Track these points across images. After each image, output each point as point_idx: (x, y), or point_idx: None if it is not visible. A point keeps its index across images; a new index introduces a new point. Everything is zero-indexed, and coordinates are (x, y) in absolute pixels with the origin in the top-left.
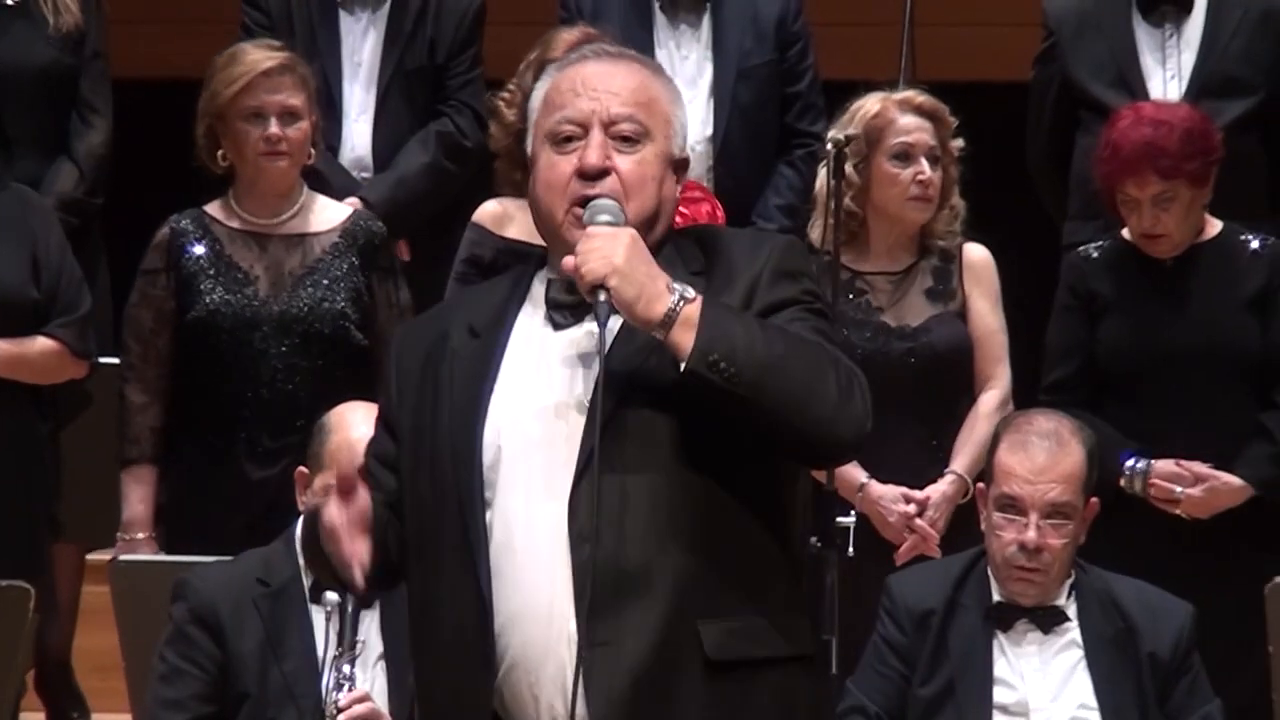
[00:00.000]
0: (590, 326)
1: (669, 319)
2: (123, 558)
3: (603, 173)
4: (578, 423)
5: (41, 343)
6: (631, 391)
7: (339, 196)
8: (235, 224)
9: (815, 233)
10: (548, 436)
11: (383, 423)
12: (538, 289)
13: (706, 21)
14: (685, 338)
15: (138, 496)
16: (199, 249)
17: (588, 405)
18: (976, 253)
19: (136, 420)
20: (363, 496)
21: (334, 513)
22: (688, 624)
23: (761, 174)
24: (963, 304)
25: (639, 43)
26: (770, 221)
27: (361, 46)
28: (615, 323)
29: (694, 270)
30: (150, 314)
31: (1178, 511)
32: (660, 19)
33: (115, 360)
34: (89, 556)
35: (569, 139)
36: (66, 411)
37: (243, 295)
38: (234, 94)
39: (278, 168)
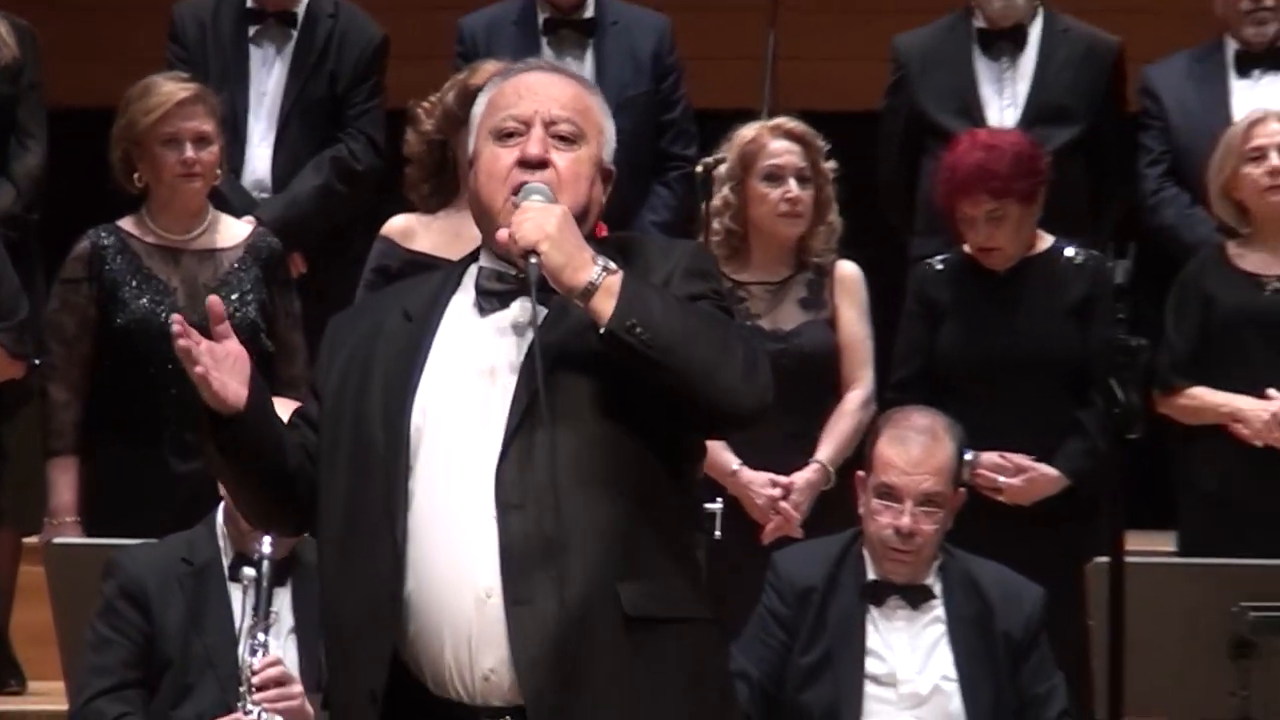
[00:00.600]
0: (518, 310)
1: (592, 287)
2: (56, 540)
3: (542, 163)
4: (506, 391)
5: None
6: (560, 364)
7: (239, 215)
8: (150, 239)
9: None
10: (476, 405)
11: (311, 391)
12: (469, 279)
13: (590, 56)
14: (606, 304)
15: (64, 484)
16: (119, 261)
17: (517, 373)
18: (848, 268)
19: (60, 416)
20: None
21: None
22: (608, 584)
23: (640, 193)
24: (832, 313)
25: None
26: (644, 234)
27: (267, 78)
28: (521, 318)
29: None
30: (73, 320)
31: (1000, 498)
32: (547, 53)
33: None
34: (25, 540)
35: (511, 134)
36: (4, 408)
37: (164, 305)
38: (152, 122)
39: (192, 188)
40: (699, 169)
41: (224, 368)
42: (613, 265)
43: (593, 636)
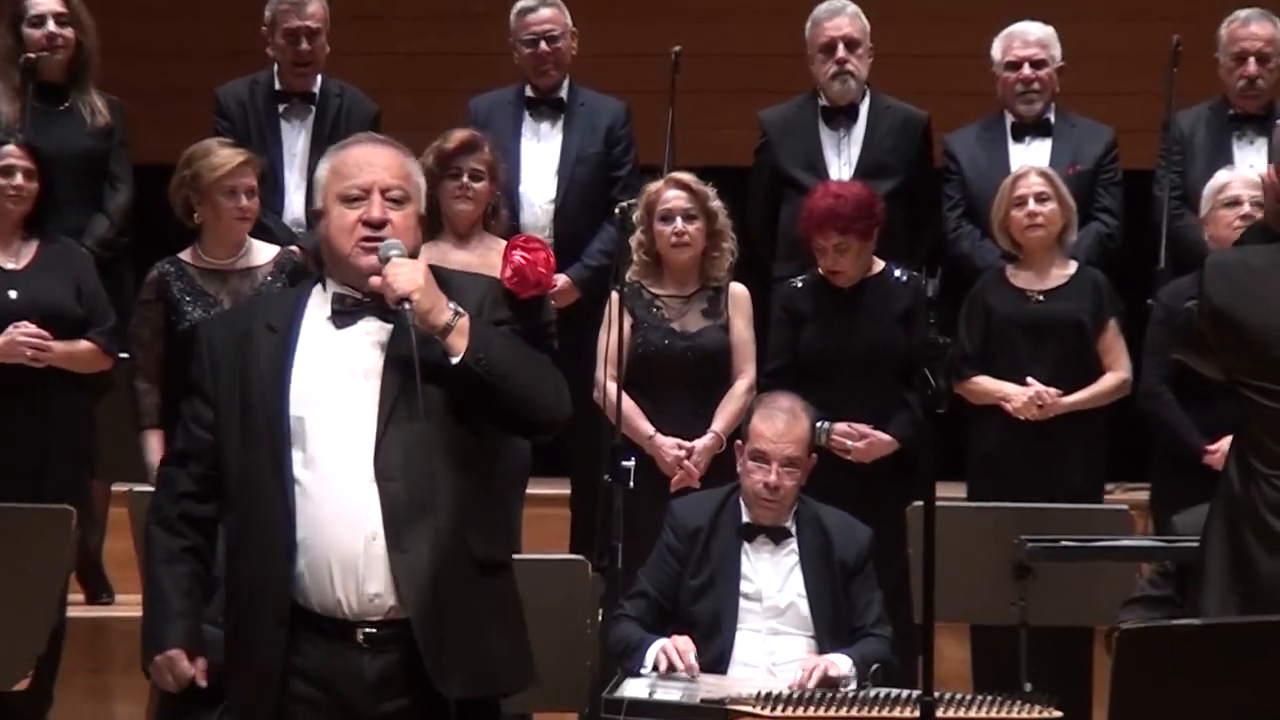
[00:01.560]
0: (365, 325)
1: (449, 327)
2: (136, 488)
3: (383, 223)
4: (369, 390)
5: (84, 345)
6: (408, 372)
7: (283, 244)
8: (203, 265)
9: (628, 271)
10: (348, 399)
11: (198, 393)
12: (316, 298)
13: (560, 125)
14: (459, 341)
15: (154, 449)
16: (179, 284)
17: (377, 377)
18: (739, 289)
19: (145, 400)
20: None
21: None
22: (460, 536)
23: (591, 229)
24: (726, 321)
25: (514, 136)
26: (591, 259)
27: (296, 142)
28: (376, 325)
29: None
30: (148, 330)
31: (848, 457)
32: (528, 122)
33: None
34: (114, 488)
35: (355, 199)
36: (97, 392)
37: (215, 313)
38: (216, 177)
39: (244, 226)
40: (616, 211)
41: None
42: (460, 309)
43: (455, 574)
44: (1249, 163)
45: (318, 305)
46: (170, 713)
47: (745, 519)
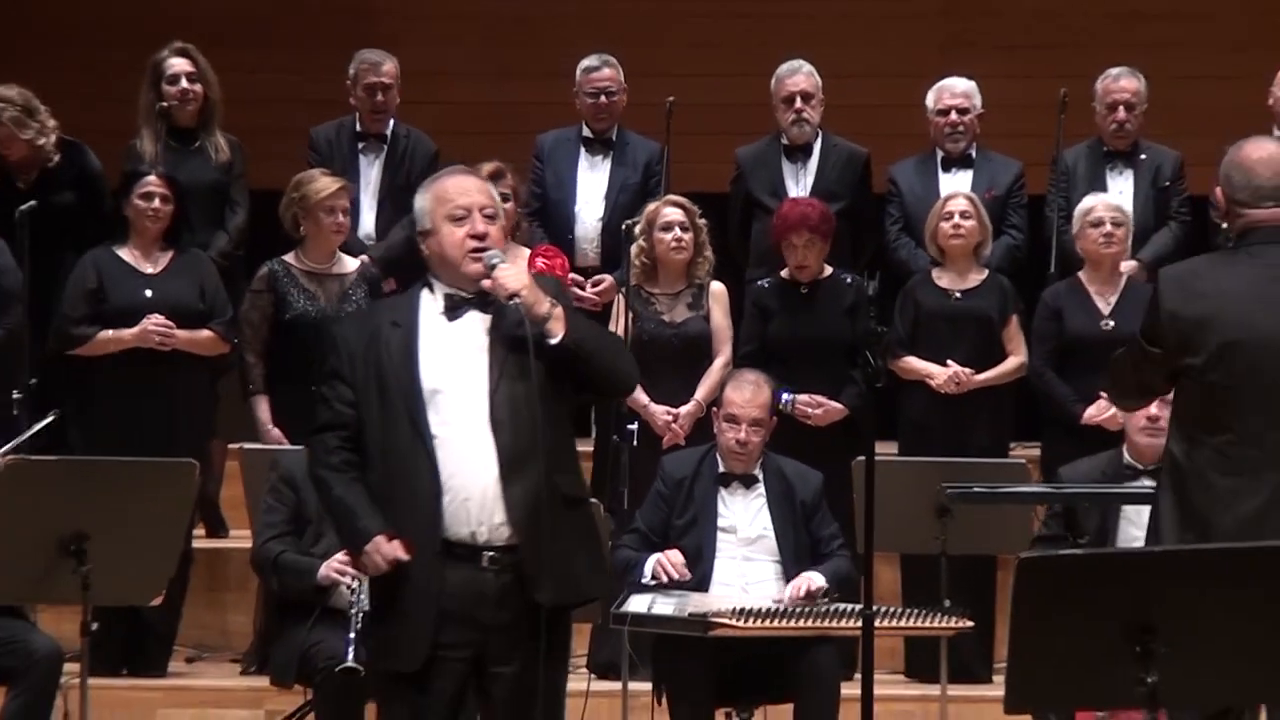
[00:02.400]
0: (471, 316)
1: (549, 315)
2: (247, 446)
3: (485, 235)
4: (480, 364)
5: (205, 333)
6: (511, 350)
7: (355, 254)
8: (303, 267)
9: (632, 275)
10: (464, 372)
11: (338, 377)
12: (426, 299)
13: (610, 159)
14: (558, 326)
15: (262, 410)
16: (285, 280)
17: (485, 354)
18: (717, 286)
19: (254, 371)
20: None
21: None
22: (550, 476)
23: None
24: (707, 312)
25: (572, 166)
26: (619, 267)
27: (371, 174)
28: (479, 316)
29: None
30: (258, 314)
31: (809, 422)
32: (584, 156)
33: None
34: (230, 445)
35: (460, 218)
36: (217, 371)
37: (313, 306)
38: (320, 198)
39: (339, 238)
40: (623, 228)
41: None
42: (555, 302)
43: (548, 506)
44: (1119, 189)
45: (429, 304)
46: (271, 623)
47: (721, 469)
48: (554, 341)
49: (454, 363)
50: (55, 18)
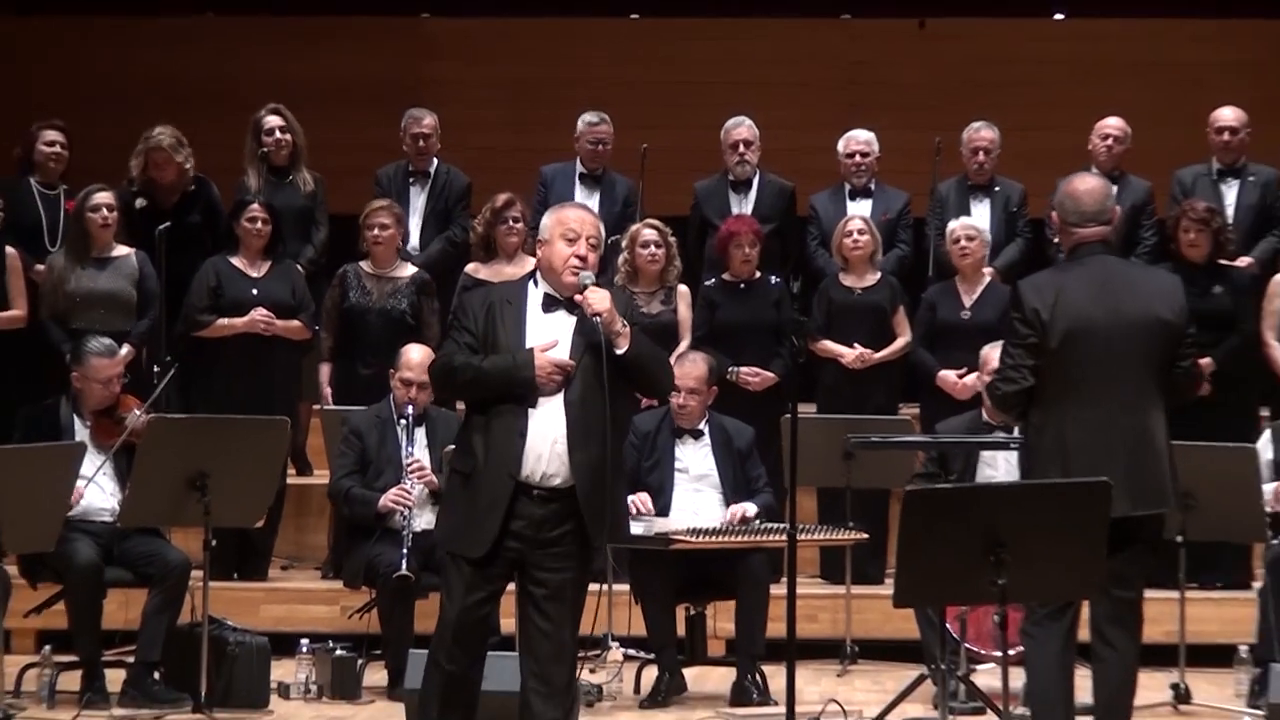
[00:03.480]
0: (560, 313)
1: (619, 334)
2: (324, 408)
3: (585, 258)
4: (563, 351)
5: (295, 323)
6: (588, 350)
7: (403, 258)
8: (367, 270)
9: (618, 278)
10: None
11: (466, 330)
12: (531, 291)
13: (600, 191)
14: (624, 342)
15: (323, 375)
16: (352, 279)
17: (568, 344)
18: (683, 288)
19: (324, 344)
20: None
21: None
22: (608, 448)
23: (611, 258)
24: (675, 307)
25: (569, 197)
26: (608, 273)
27: (418, 201)
28: (565, 314)
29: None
30: (331, 303)
31: (748, 387)
32: (579, 187)
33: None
34: (313, 407)
35: (571, 240)
36: (301, 352)
37: (365, 300)
38: (364, 218)
39: (378, 248)
40: (610, 243)
41: None
42: (626, 322)
43: (605, 467)
44: (979, 214)
45: (533, 296)
46: (343, 541)
47: (677, 425)
48: (619, 353)
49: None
50: (193, 85)
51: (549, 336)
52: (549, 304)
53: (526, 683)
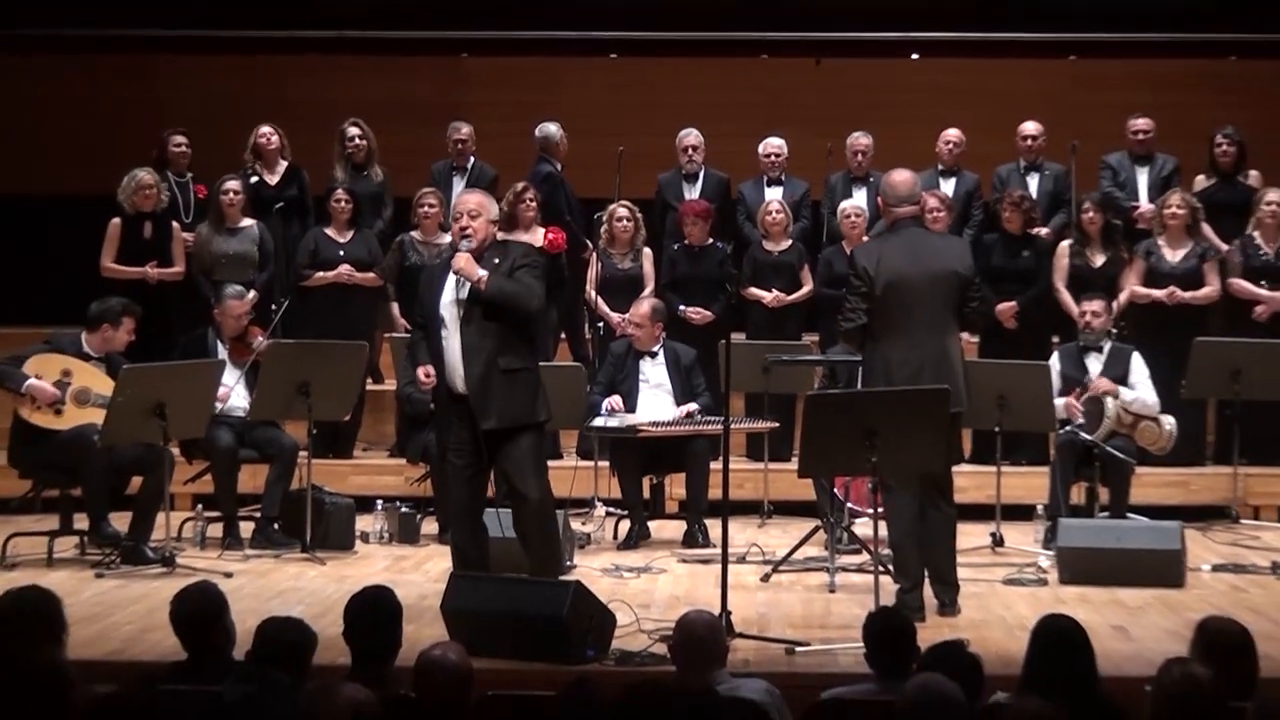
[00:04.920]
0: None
1: (478, 279)
2: (391, 335)
3: (466, 227)
4: (462, 300)
5: (371, 274)
6: (473, 294)
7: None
8: (419, 238)
9: (600, 242)
10: (451, 304)
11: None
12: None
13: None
14: (481, 285)
15: (394, 310)
16: (409, 244)
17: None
18: (647, 250)
19: (390, 291)
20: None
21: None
22: (494, 359)
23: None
24: (642, 264)
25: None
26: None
27: (457, 189)
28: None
29: (495, 255)
30: (393, 263)
31: (694, 322)
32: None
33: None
34: (385, 335)
35: (457, 218)
36: (379, 293)
37: (421, 259)
38: (415, 201)
39: (428, 223)
40: (595, 217)
41: None
42: (486, 272)
43: (490, 374)
44: (860, 199)
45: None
46: (404, 428)
47: (637, 349)
48: (481, 290)
49: (452, 298)
50: (291, 104)
51: (453, 293)
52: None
53: (517, 530)
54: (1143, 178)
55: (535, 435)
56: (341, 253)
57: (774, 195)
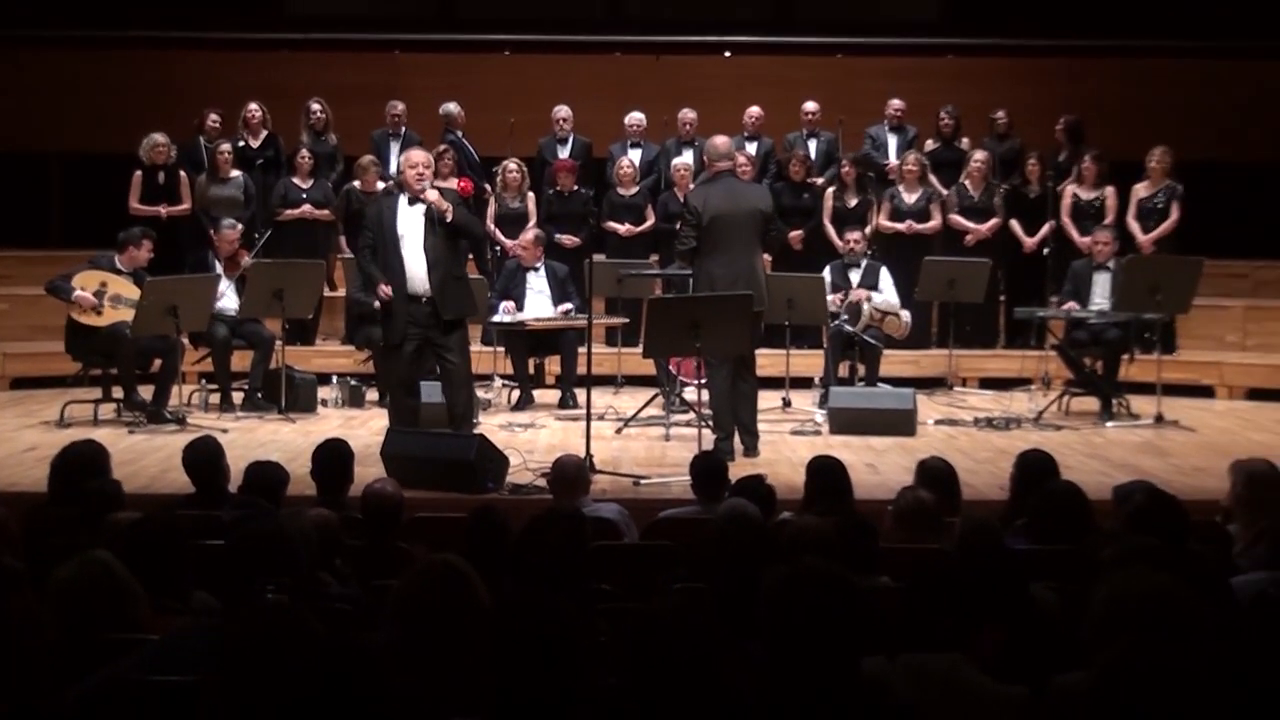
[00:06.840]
0: (418, 205)
1: (446, 209)
2: (343, 256)
3: (423, 174)
4: (421, 226)
5: (325, 212)
6: (433, 222)
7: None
8: (359, 188)
9: (497, 188)
10: (415, 230)
11: (367, 228)
12: (401, 199)
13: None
14: (449, 214)
15: (344, 243)
16: (354, 194)
17: (424, 222)
18: (531, 194)
19: (339, 227)
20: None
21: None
22: (449, 272)
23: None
24: (526, 205)
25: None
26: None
27: (393, 151)
28: (419, 206)
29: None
30: (342, 206)
31: (565, 246)
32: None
33: None
34: (336, 256)
35: (412, 167)
36: (331, 228)
37: (361, 205)
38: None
39: (374, 180)
40: (493, 170)
41: None
42: (451, 206)
43: (450, 280)
44: (687, 157)
45: (401, 200)
46: (352, 324)
47: (523, 265)
48: (448, 220)
49: (411, 225)
50: (274, 87)
51: (412, 221)
52: (411, 201)
53: (447, 395)
54: (894, 143)
55: (466, 326)
56: (305, 196)
57: (634, 155)
